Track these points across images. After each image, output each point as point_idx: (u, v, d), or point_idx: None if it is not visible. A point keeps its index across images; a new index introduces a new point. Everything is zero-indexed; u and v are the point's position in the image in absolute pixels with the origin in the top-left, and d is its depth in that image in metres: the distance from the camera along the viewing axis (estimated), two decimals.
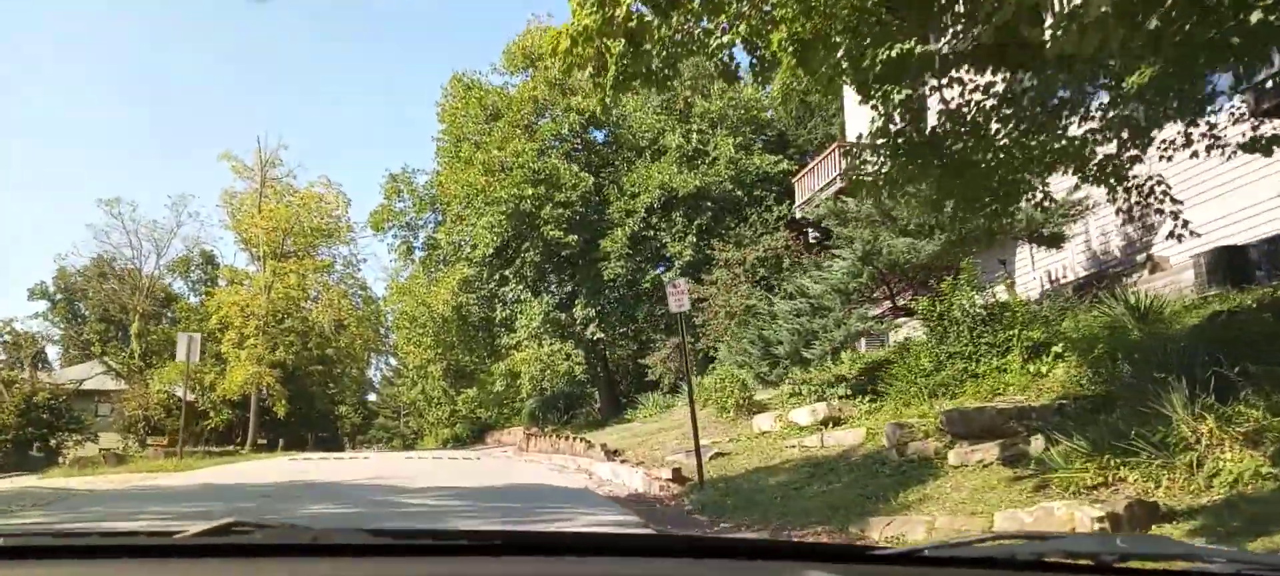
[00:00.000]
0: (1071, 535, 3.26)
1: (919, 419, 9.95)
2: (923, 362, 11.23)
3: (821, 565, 1.62)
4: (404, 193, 30.00)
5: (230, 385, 40.20)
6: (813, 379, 14.49)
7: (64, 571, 1.53)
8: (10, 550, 1.53)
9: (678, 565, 1.69)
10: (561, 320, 26.56)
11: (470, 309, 27.89)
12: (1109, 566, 1.63)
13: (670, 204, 25.94)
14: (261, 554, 1.57)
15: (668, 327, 26.01)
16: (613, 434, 22.41)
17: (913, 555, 1.66)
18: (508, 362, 25.67)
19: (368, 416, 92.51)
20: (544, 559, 1.68)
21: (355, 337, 45.76)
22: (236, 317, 41.02)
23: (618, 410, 29.47)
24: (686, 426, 19.49)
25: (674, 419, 21.45)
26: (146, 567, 1.54)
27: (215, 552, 1.57)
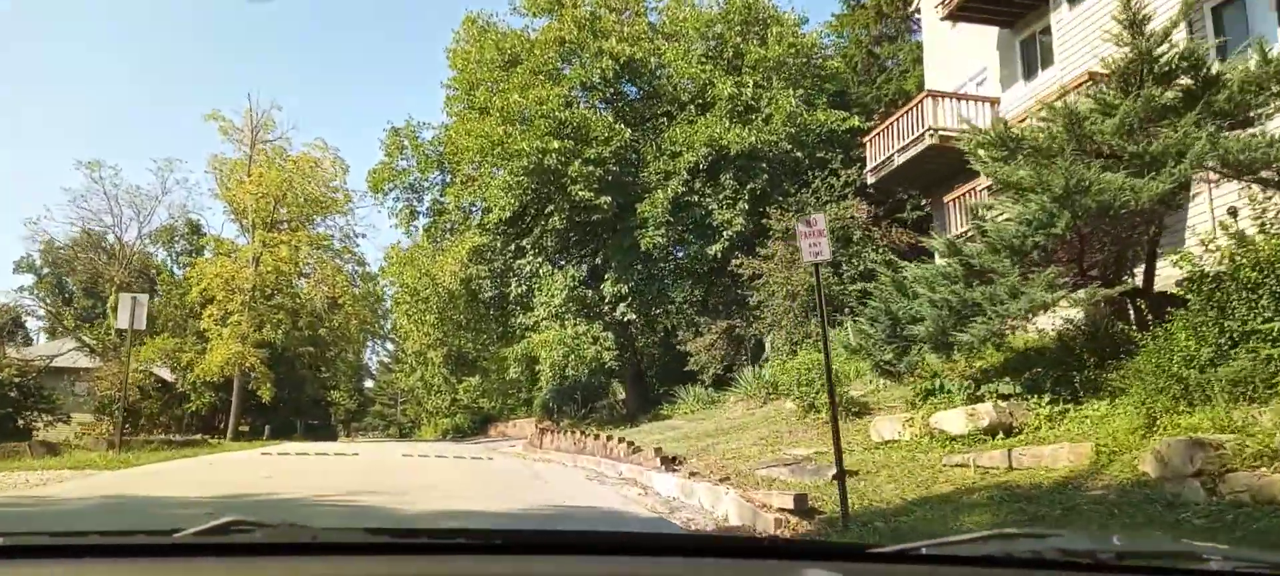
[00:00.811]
0: (1070, 532, 2.86)
1: (1234, 435, 6.18)
2: (1186, 346, 7.45)
3: (821, 563, 1.65)
4: (408, 149, 26.28)
5: (209, 365, 36.41)
6: (962, 369, 10.74)
7: (62, 571, 1.52)
8: (8, 549, 1.52)
9: (678, 564, 1.69)
10: (587, 298, 22.78)
11: (481, 282, 24.11)
12: (1106, 565, 1.62)
13: (718, 164, 22.16)
14: (261, 553, 1.56)
15: (714, 309, 22.26)
16: (652, 433, 18.68)
17: (910, 553, 1.66)
18: (523, 345, 21.84)
19: (363, 403, 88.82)
20: (544, 558, 1.67)
21: (350, 317, 41.93)
22: (220, 291, 37.22)
23: (646, 405, 25.72)
24: (754, 428, 15.76)
25: (730, 417, 17.70)
26: (145, 567, 1.54)
27: (215, 551, 1.56)
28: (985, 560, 1.67)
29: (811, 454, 10.96)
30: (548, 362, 21.06)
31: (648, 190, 21.76)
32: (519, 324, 23.76)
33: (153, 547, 1.58)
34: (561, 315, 22.27)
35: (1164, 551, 1.70)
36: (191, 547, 1.55)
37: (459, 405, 57.95)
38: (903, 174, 20.92)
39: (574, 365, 20.97)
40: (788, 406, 16.63)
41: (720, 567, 1.67)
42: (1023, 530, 3.62)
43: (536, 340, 21.47)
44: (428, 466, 16.40)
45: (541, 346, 21.07)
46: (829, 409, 13.20)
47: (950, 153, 20.03)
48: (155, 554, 1.57)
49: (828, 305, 20.41)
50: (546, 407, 31.76)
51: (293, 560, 1.54)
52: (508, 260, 24.83)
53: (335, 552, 1.59)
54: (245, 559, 1.55)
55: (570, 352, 21.07)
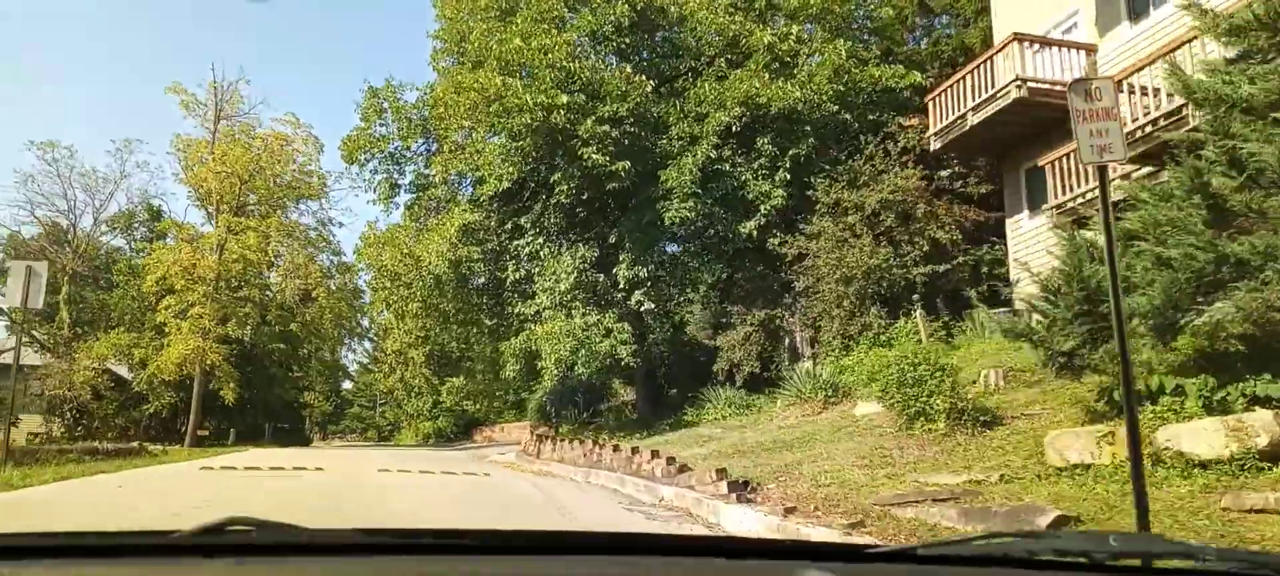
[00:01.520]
0: (1065, 533, 3.00)
1: None
2: None
3: (820, 563, 1.63)
4: (388, 113, 22.80)
5: (166, 362, 32.74)
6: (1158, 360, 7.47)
7: (61, 571, 1.52)
8: (7, 550, 1.52)
9: (678, 564, 1.69)
10: (597, 283, 19.43)
11: (473, 266, 20.70)
12: (1101, 564, 1.63)
13: (753, 127, 18.87)
14: (258, 553, 1.56)
15: (748, 298, 18.96)
16: (684, 445, 15.37)
17: (908, 554, 1.68)
18: (523, 338, 18.45)
19: (340, 405, 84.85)
20: (544, 558, 1.67)
21: (324, 311, 38.33)
22: (179, 281, 33.56)
23: (660, 409, 22.42)
24: (830, 441, 12.45)
25: (785, 426, 14.41)
26: (144, 567, 1.54)
27: (212, 552, 1.55)
28: (982, 560, 1.68)
29: (965, 482, 7.67)
30: (552, 358, 17.72)
31: (670, 158, 18.43)
32: (517, 314, 20.36)
33: (149, 547, 1.59)
34: (568, 303, 18.90)
35: (1159, 551, 1.68)
36: (188, 547, 1.55)
37: (442, 408, 54.32)
38: (974, 138, 17.73)
39: (584, 361, 17.63)
40: (862, 412, 13.36)
41: (720, 567, 1.67)
42: (1018, 531, 3.88)
43: (539, 332, 18.10)
44: (411, 488, 13.00)
45: (545, 339, 17.71)
46: (947, 416, 9.94)
47: (1040, 108, 16.80)
48: (152, 554, 1.58)
49: (891, 292, 17.19)
50: (543, 411, 28.40)
51: (289, 560, 1.55)
52: (503, 241, 21.44)
53: (332, 553, 1.60)
54: (242, 559, 1.55)
55: (579, 346, 17.72)
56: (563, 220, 19.98)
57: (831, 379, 15.08)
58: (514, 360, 19.71)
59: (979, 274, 18.12)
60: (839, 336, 17.25)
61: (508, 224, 21.35)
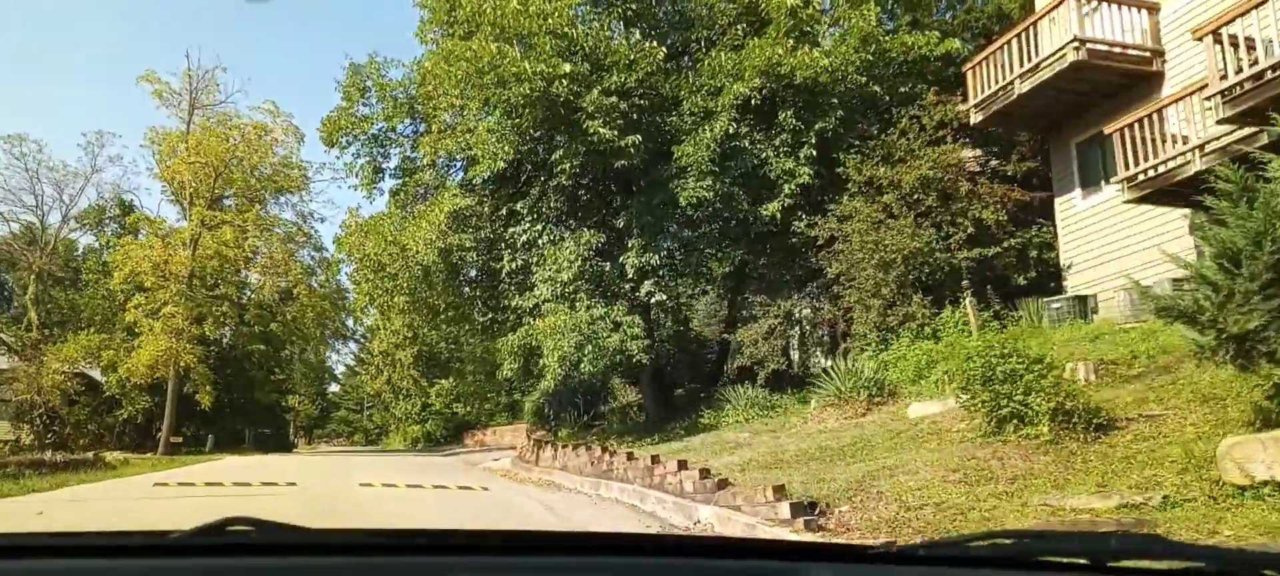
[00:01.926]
0: (1066, 533, 2.97)
1: None
2: None
3: (819, 564, 1.64)
4: (372, 92, 20.91)
5: (136, 365, 30.71)
6: None
7: (61, 570, 1.51)
8: (8, 549, 1.52)
9: (678, 564, 1.68)
10: (603, 272, 17.61)
11: (465, 255, 18.84)
12: (1102, 564, 1.62)
13: (774, 100, 17.09)
14: (258, 553, 1.56)
15: (771, 286, 17.17)
16: (704, 451, 13.60)
17: (908, 554, 1.67)
18: (521, 334, 16.61)
19: (326, 409, 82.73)
20: (544, 558, 1.66)
21: (306, 309, 36.32)
22: (150, 278, 31.55)
23: (669, 410, 20.62)
24: (891, 447, 10.66)
25: (828, 430, 12.62)
26: (143, 566, 1.53)
27: (211, 551, 1.55)
28: (982, 560, 1.67)
29: (1117, 507, 5.92)
30: (555, 354, 15.89)
31: (683, 133, 16.62)
32: (514, 307, 18.50)
33: (149, 547, 1.58)
34: (571, 294, 17.06)
35: (1159, 552, 1.65)
36: (188, 547, 1.55)
37: (431, 411, 52.35)
38: (1021, 109, 16.01)
39: (591, 358, 15.81)
40: (918, 413, 11.60)
41: (720, 568, 1.66)
42: (1020, 531, 3.48)
43: (540, 327, 16.26)
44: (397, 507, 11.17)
45: (547, 334, 15.87)
46: (1052, 419, 8.16)
47: (1098, 72, 15.15)
48: (152, 553, 1.57)
49: (937, 277, 15.43)
50: (540, 413, 26.57)
51: (288, 560, 1.54)
52: (497, 228, 19.59)
53: (331, 553, 1.59)
54: (241, 558, 1.54)
55: (585, 342, 15.90)
56: (564, 204, 18.15)
57: (875, 375, 13.29)
58: (511, 358, 17.84)
59: (1026, 259, 16.39)
60: (874, 328, 15.49)
61: (502, 210, 19.50)
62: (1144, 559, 1.63)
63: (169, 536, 1.55)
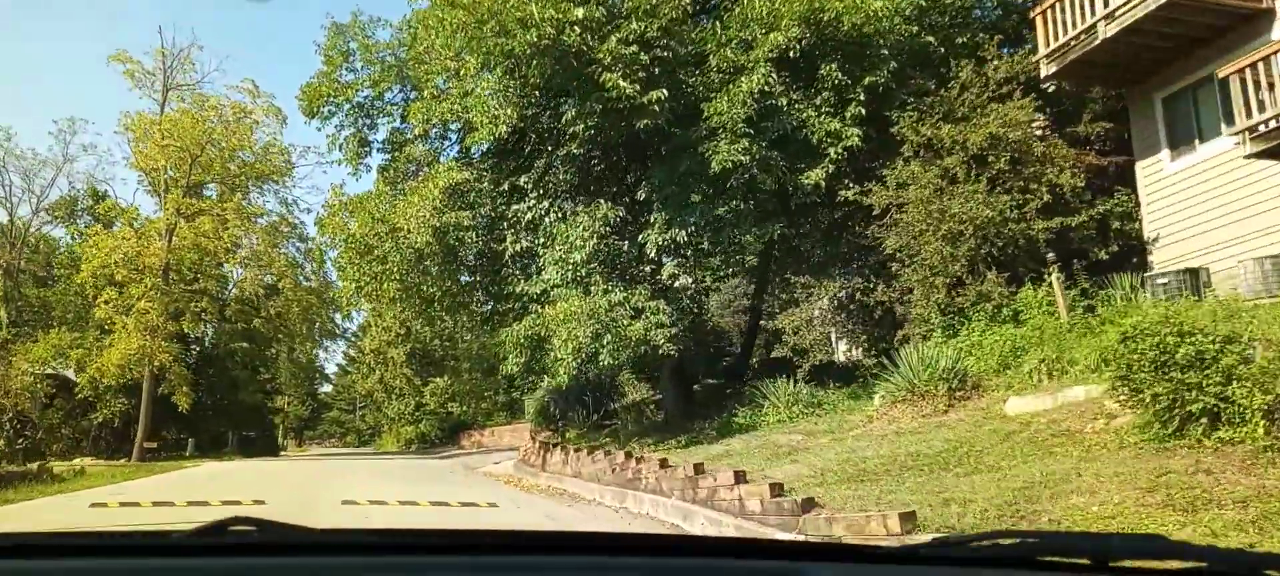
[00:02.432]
0: (1067, 533, 2.98)
1: None
2: None
3: (820, 564, 1.63)
4: (356, 55, 18.73)
5: (106, 364, 28.44)
6: None
7: (62, 570, 1.51)
8: (8, 549, 1.51)
9: (678, 564, 1.68)
10: (620, 252, 15.49)
11: (463, 235, 16.65)
12: (1103, 564, 1.61)
13: (816, 52, 14.97)
14: (260, 552, 1.55)
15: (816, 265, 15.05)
16: (752, 457, 11.50)
17: (909, 553, 1.67)
18: (527, 324, 14.44)
19: (317, 409, 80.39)
20: (544, 558, 1.66)
21: (291, 304, 34.03)
22: (121, 271, 29.27)
23: (691, 409, 18.51)
24: (1005, 456, 8.21)
25: (906, 431, 10.50)
26: (144, 566, 1.52)
27: (213, 551, 1.55)
28: (983, 560, 1.66)
29: None
30: (568, 346, 13.75)
31: (712, 91, 14.47)
32: (519, 294, 16.34)
33: (150, 547, 1.58)
34: (585, 277, 14.91)
35: (1160, 551, 1.65)
36: (190, 547, 1.54)
37: (425, 410, 50.07)
38: (1102, 58, 13.94)
39: (611, 349, 13.67)
40: (1018, 409, 9.49)
41: (720, 567, 1.66)
42: (1021, 531, 3.63)
43: (551, 314, 14.10)
44: None
45: (560, 322, 13.73)
46: (1259, 419, 6.01)
47: (1197, 11, 13.08)
48: (153, 553, 1.56)
49: (1009, 252, 13.31)
50: (546, 413, 24.37)
51: (290, 560, 1.53)
52: (499, 206, 17.41)
53: (333, 552, 1.59)
54: (243, 558, 1.54)
55: (603, 330, 13.75)
56: (574, 176, 15.98)
57: (954, 366, 11.16)
58: (516, 351, 15.65)
59: (1106, 230, 14.29)
60: (938, 311, 13.37)
61: (504, 185, 17.32)
62: (1146, 558, 1.63)
63: (170, 536, 1.56)
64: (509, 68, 14.98)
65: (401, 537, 1.65)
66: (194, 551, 1.54)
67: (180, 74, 32.65)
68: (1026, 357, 11.20)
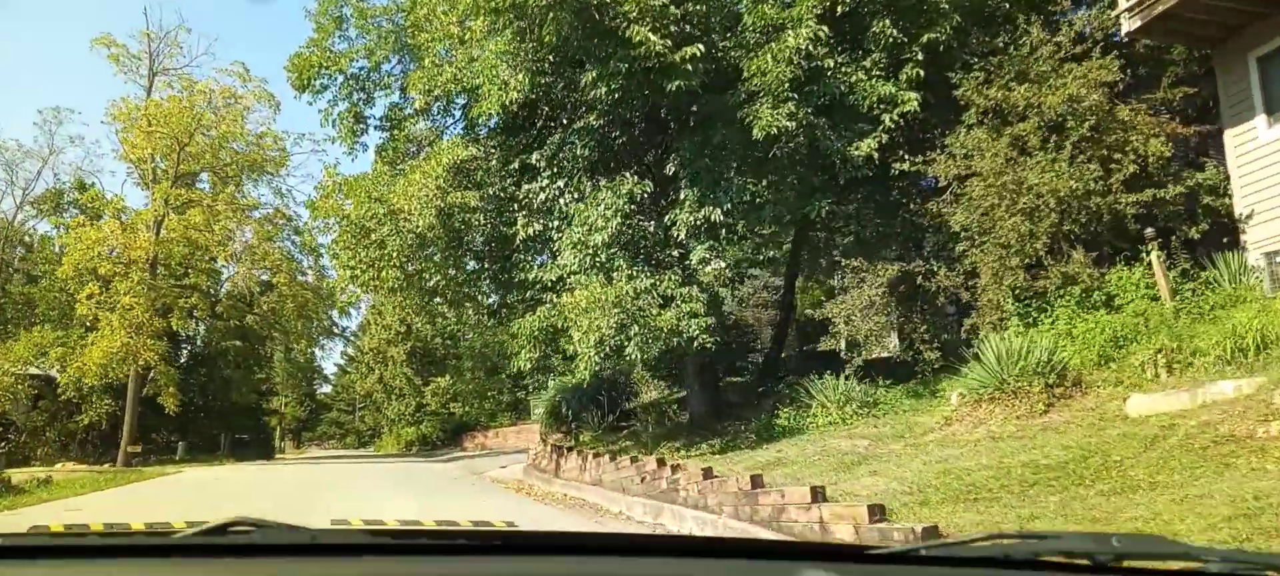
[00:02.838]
0: (1069, 533, 2.55)
1: None
2: None
3: (820, 564, 1.62)
4: (350, 21, 17.08)
5: (87, 363, 26.79)
6: None
7: (62, 571, 1.51)
8: (8, 550, 1.52)
9: (678, 565, 1.68)
10: (645, 234, 13.87)
11: (470, 217, 14.99)
12: (1105, 565, 1.61)
13: (864, 9, 13.34)
14: (260, 553, 1.54)
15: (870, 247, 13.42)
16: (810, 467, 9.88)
17: (909, 555, 1.66)
18: (541, 316, 12.78)
19: (315, 410, 78.72)
20: (544, 558, 1.66)
21: (286, 300, 32.35)
22: (104, 265, 27.62)
23: (718, 409, 16.89)
24: (1138, 465, 6.47)
25: (997, 435, 8.86)
26: (145, 567, 1.53)
27: (214, 552, 1.55)
28: (984, 561, 1.65)
29: None
30: (590, 338, 12.10)
31: (750, 52, 12.82)
32: (532, 282, 14.70)
33: (151, 548, 1.58)
34: (608, 262, 13.27)
35: (1163, 552, 1.67)
36: (190, 548, 1.54)
37: (426, 411, 48.40)
38: (1189, 12, 12.30)
39: (640, 342, 12.03)
40: (1143, 410, 7.86)
41: (721, 568, 1.65)
42: (1022, 532, 3.35)
43: (569, 303, 12.45)
44: None
45: (580, 312, 12.08)
46: None
47: None
48: (154, 554, 1.57)
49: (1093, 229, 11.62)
50: (557, 413, 22.68)
51: (291, 560, 1.53)
52: (508, 186, 15.76)
53: (334, 553, 1.58)
54: (244, 559, 1.53)
55: (630, 321, 12.10)
56: (594, 149, 14.32)
57: (1051, 358, 9.50)
58: (530, 345, 14.00)
59: (1194, 206, 12.66)
60: (1012, 296, 11.73)
61: (514, 163, 15.67)
62: (1147, 559, 1.63)
63: (171, 537, 1.56)
64: (520, 29, 13.34)
65: (401, 538, 1.66)
66: (195, 552, 1.53)
67: (167, 58, 31.04)
68: (1133, 348, 9.56)
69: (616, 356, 12.87)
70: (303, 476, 23.21)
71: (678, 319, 12.34)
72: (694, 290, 12.80)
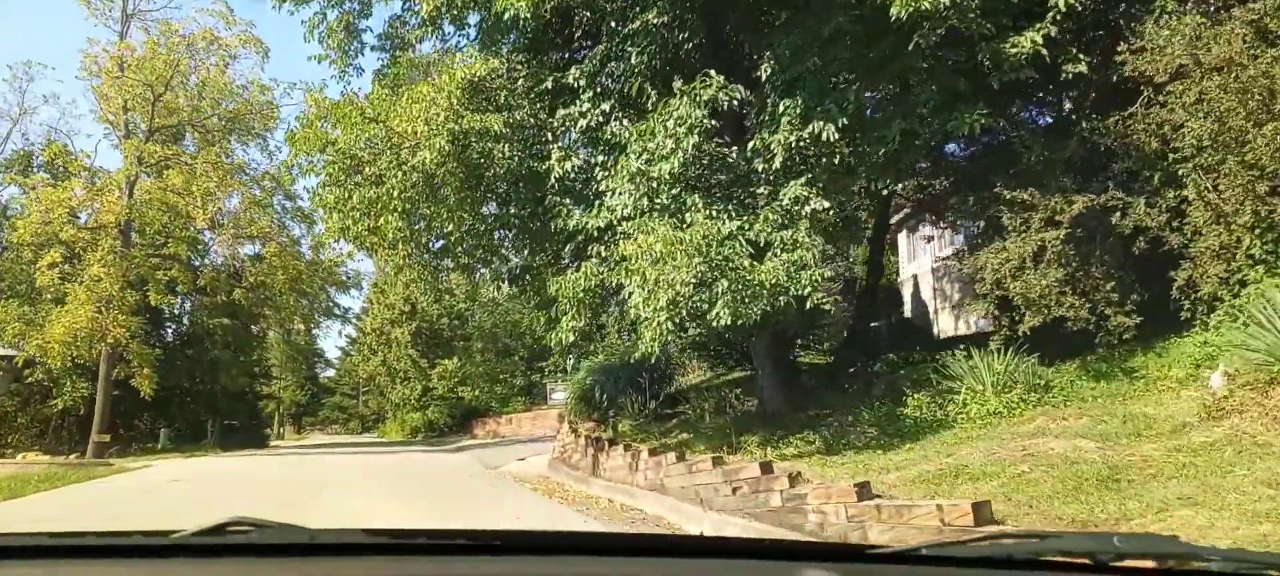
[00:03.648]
0: (1069, 534, 2.82)
1: None
2: None
3: (820, 564, 1.62)
4: None
5: (48, 342, 23.50)
6: None
7: (62, 571, 1.52)
8: (8, 550, 1.52)
9: (678, 565, 1.67)
10: (727, 163, 10.51)
11: (492, 149, 11.58)
12: (1105, 565, 1.60)
13: None
14: (259, 553, 1.55)
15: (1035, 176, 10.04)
16: (1022, 480, 6.46)
17: (910, 554, 1.65)
18: (585, 273, 9.32)
19: (317, 394, 75.63)
20: (544, 559, 1.67)
21: (276, 270, 28.98)
22: (66, 229, 24.32)
23: (795, 395, 13.60)
24: None
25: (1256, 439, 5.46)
26: (145, 568, 1.54)
27: (213, 552, 1.55)
28: (984, 561, 1.63)
29: None
30: (660, 297, 8.72)
31: None
32: (573, 231, 11.33)
33: (151, 548, 1.57)
34: (677, 200, 9.90)
35: (1163, 552, 1.64)
36: (189, 548, 1.54)
37: (433, 395, 45.07)
38: None
39: (729, 299, 8.66)
40: None
41: (720, 568, 1.64)
42: (1023, 531, 3.67)
43: (630, 251, 9.06)
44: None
45: (645, 260, 8.70)
46: None
47: None
48: (153, 554, 1.56)
49: None
50: (587, 398, 19.31)
51: (290, 561, 1.52)
52: (538, 112, 12.38)
53: (333, 553, 1.57)
54: (243, 559, 1.53)
55: (714, 273, 8.73)
56: (654, 55, 10.92)
57: None
58: (574, 311, 10.67)
59: None
60: (1256, 236, 8.35)
61: (546, 82, 12.29)
62: (1148, 559, 1.60)
63: (169, 537, 1.54)
64: None
65: (400, 537, 1.62)
66: (193, 552, 1.53)
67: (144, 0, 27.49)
68: None
69: (694, 323, 9.52)
70: (297, 470, 20.02)
71: (784, 270, 8.97)
72: (801, 234, 9.40)
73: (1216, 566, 1.57)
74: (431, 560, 1.58)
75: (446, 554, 1.61)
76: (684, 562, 1.67)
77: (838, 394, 13.72)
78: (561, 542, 1.77)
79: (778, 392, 13.66)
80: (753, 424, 13.09)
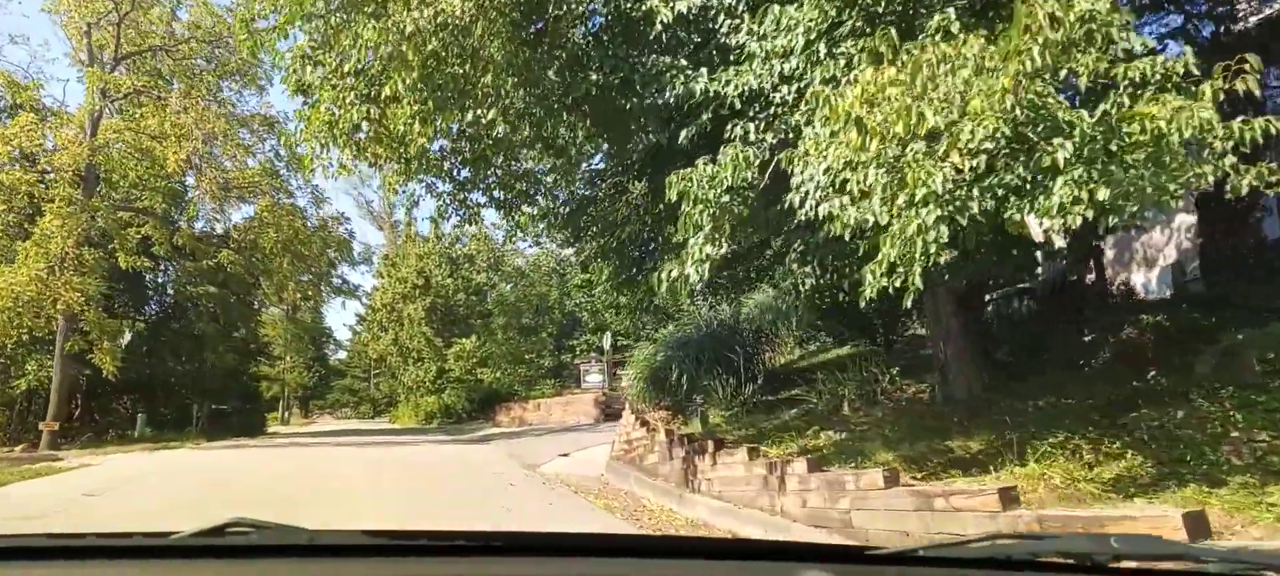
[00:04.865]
0: (1067, 535, 2.60)
1: None
2: None
3: (819, 565, 1.60)
4: None
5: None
6: None
7: (61, 571, 1.50)
8: (8, 551, 1.50)
9: (679, 565, 1.65)
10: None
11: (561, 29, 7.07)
12: (1103, 566, 1.59)
13: None
14: (259, 554, 1.54)
15: None
16: None
17: (909, 555, 1.64)
18: (732, 160, 4.72)
19: (326, 376, 71.48)
20: (544, 559, 1.65)
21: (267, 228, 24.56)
22: (6, 173, 20.04)
23: (987, 370, 9.12)
24: None
25: None
26: (144, 568, 1.52)
27: (212, 553, 1.53)
28: (983, 563, 1.61)
29: None
30: (917, 172, 4.11)
31: None
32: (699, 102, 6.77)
33: (151, 549, 1.55)
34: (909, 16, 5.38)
35: (1161, 553, 1.62)
36: (189, 549, 1.52)
37: (449, 377, 40.69)
38: None
39: (1082, 171, 4.07)
40: None
41: (721, 569, 1.62)
42: (1020, 532, 3.51)
43: (854, 99, 4.46)
44: None
45: (890, 107, 4.10)
46: None
47: None
48: (153, 555, 1.54)
49: None
50: (658, 380, 14.78)
51: (290, 562, 1.51)
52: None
53: (332, 554, 1.55)
54: (242, 560, 1.51)
55: (1035, 125, 4.17)
56: None
57: None
58: (709, 229, 6.24)
59: None
60: None
61: None
62: (1145, 560, 1.59)
63: (169, 538, 1.53)
64: None
65: (400, 538, 1.61)
66: (192, 553, 1.51)
67: None
68: None
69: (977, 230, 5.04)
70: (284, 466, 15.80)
71: (1185, 121, 4.47)
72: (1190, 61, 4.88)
73: (1213, 567, 1.55)
74: (432, 561, 1.56)
75: (446, 555, 1.58)
76: (684, 563, 1.65)
77: (1054, 370, 9.32)
78: (564, 543, 1.71)
79: (966, 369, 9.23)
80: (948, 422, 8.66)
